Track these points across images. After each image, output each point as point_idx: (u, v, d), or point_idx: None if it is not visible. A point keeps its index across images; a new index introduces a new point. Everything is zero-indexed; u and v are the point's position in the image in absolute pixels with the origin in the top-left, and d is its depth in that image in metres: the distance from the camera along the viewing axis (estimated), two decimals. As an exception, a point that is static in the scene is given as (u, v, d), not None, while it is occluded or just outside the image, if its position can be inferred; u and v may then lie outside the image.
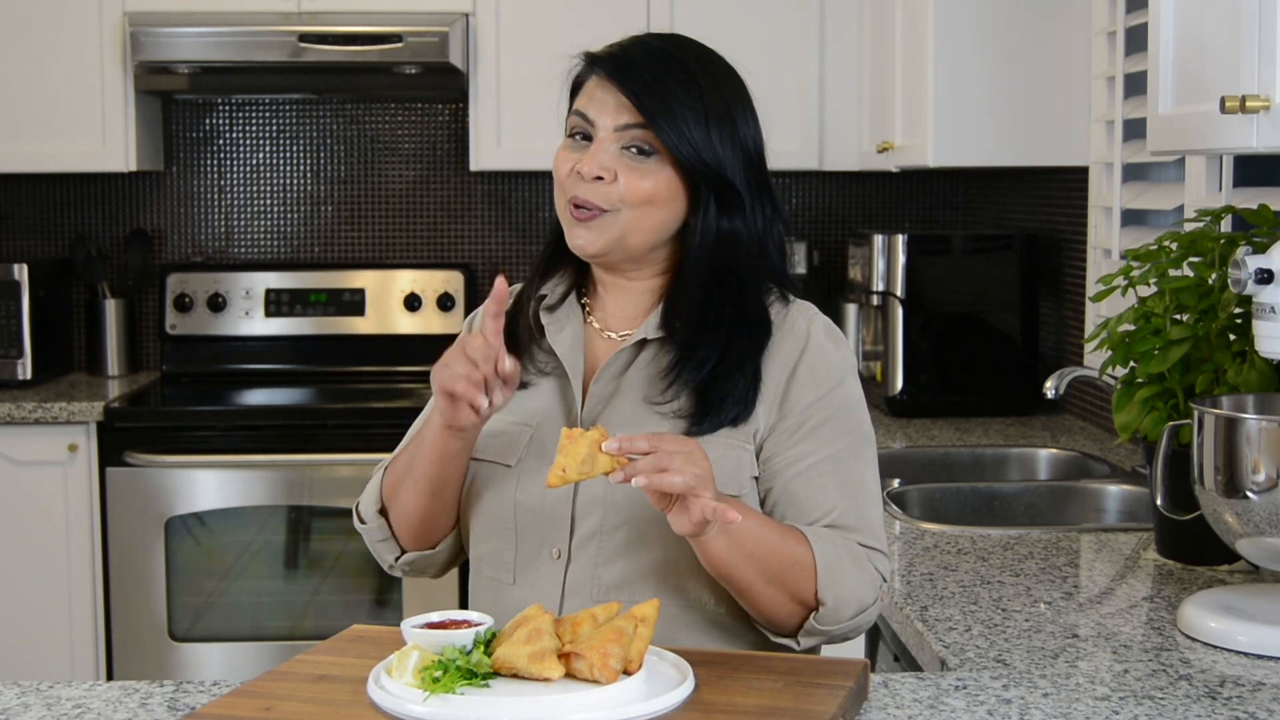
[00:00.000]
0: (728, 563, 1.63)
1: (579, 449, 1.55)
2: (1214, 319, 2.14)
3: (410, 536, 1.85)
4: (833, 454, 1.74)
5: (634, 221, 1.74)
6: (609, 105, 1.74)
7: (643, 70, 1.74)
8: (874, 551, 1.72)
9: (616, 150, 1.73)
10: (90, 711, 1.59)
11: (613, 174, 1.73)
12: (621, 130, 1.73)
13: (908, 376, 3.73)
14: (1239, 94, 1.72)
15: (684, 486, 1.52)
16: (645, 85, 1.73)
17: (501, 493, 1.79)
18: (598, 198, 1.73)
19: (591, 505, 1.74)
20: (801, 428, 1.74)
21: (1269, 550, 1.83)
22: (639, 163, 1.73)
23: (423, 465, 1.78)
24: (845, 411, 1.77)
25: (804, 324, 1.79)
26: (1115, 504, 2.86)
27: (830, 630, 1.68)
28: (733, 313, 1.75)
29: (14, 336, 4.17)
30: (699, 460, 1.55)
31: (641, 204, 1.73)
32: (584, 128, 1.76)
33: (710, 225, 1.76)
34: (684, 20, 4.07)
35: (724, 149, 1.75)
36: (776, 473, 1.74)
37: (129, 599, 3.92)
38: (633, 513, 1.72)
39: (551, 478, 1.55)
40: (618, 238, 1.74)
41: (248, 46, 4.10)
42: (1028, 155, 3.53)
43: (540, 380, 1.82)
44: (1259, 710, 1.62)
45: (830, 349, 1.78)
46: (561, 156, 1.77)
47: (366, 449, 3.89)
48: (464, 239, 4.65)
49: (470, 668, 1.47)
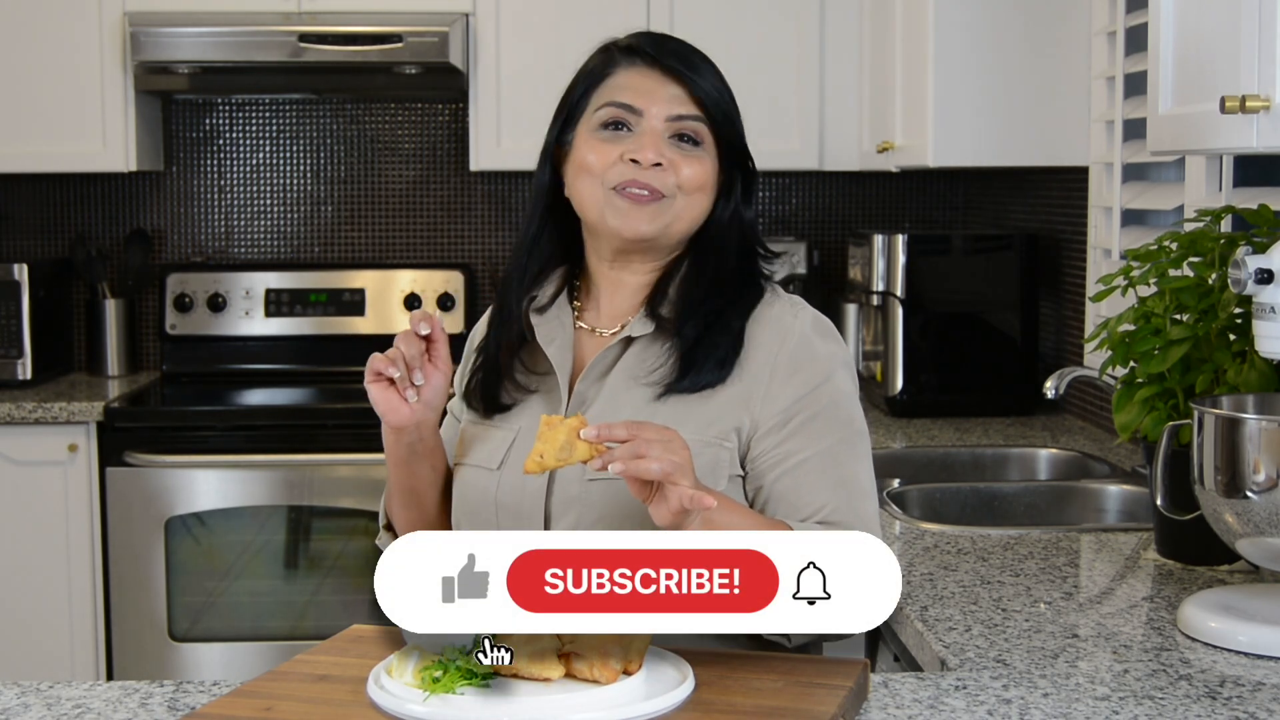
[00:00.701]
0: None
1: (557, 436, 1.55)
2: (1214, 319, 2.14)
3: None
4: (822, 450, 1.73)
5: (685, 209, 1.78)
6: (659, 95, 1.76)
7: (685, 61, 1.78)
8: None
9: (666, 139, 1.76)
10: (90, 711, 1.59)
11: (670, 161, 1.75)
12: (674, 120, 1.76)
13: (908, 376, 3.73)
14: (1239, 94, 1.72)
15: (660, 473, 1.52)
16: (695, 74, 1.77)
17: (485, 495, 1.80)
18: (658, 183, 1.75)
19: (567, 504, 1.75)
20: (788, 425, 1.73)
21: (1269, 550, 1.83)
22: (690, 151, 1.77)
23: (393, 476, 1.84)
24: (835, 406, 1.76)
25: (789, 319, 1.78)
26: (1115, 504, 2.86)
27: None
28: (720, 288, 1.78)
29: (14, 336, 4.17)
30: (678, 449, 1.55)
31: (696, 190, 1.77)
32: (624, 117, 1.77)
33: (727, 214, 1.81)
34: (684, 20, 4.07)
35: (743, 137, 1.82)
36: (765, 471, 1.73)
37: (129, 599, 3.92)
38: (606, 510, 1.72)
39: (529, 464, 1.55)
40: (668, 223, 1.77)
41: (248, 46, 4.10)
42: (1028, 155, 3.53)
43: (530, 382, 1.83)
44: (1259, 710, 1.62)
45: (817, 343, 1.78)
46: (597, 148, 1.77)
47: (366, 449, 3.90)
48: (464, 239, 4.66)
49: (470, 668, 1.47)
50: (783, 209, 4.63)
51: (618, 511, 1.71)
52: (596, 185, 1.77)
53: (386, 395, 1.73)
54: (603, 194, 1.77)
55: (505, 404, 1.83)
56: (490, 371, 1.85)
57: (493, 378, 1.84)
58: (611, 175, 1.76)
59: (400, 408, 1.73)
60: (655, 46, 1.80)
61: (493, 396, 1.84)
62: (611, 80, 1.79)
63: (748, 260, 1.82)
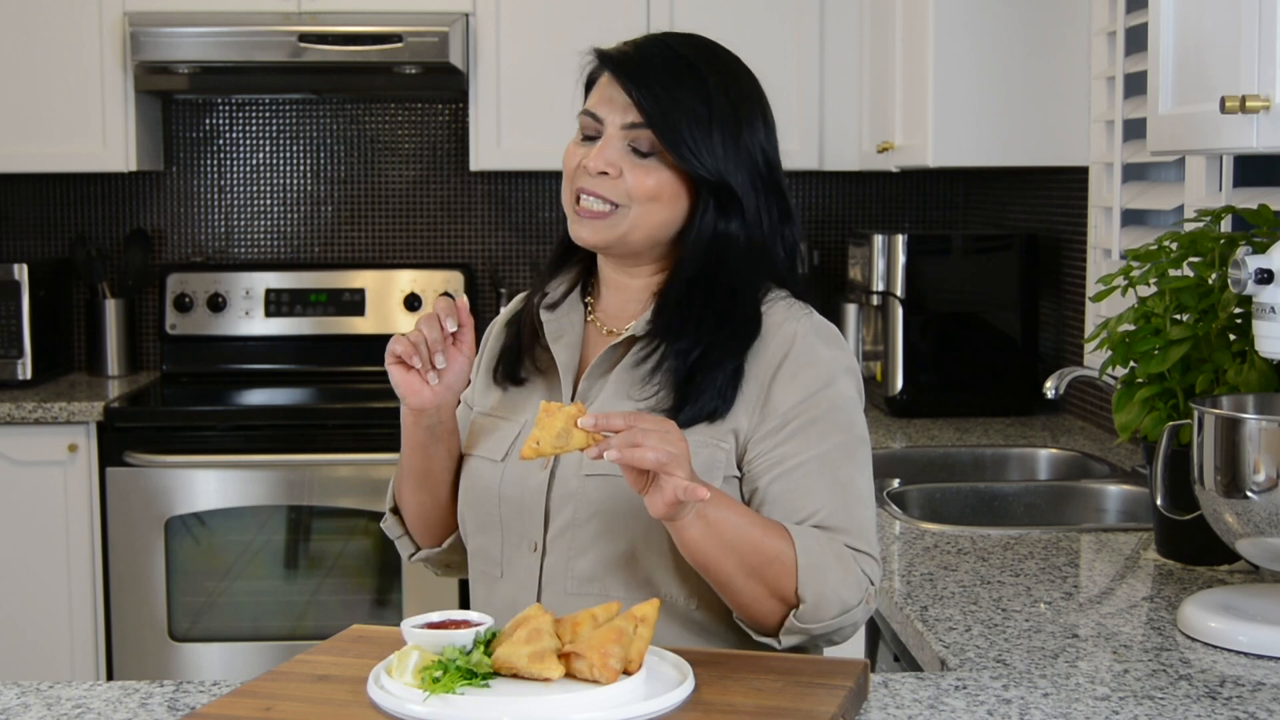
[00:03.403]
0: (705, 553, 1.62)
1: (555, 423, 1.55)
2: (1214, 319, 2.14)
3: (419, 533, 1.92)
4: (820, 454, 1.72)
5: (640, 217, 1.76)
6: (617, 104, 1.76)
7: (651, 71, 1.76)
8: (861, 554, 1.70)
9: (623, 147, 1.76)
10: (90, 711, 1.59)
11: (618, 170, 1.75)
12: (627, 129, 1.76)
13: (908, 376, 3.73)
14: (1239, 94, 1.72)
15: (655, 462, 1.52)
16: (650, 87, 1.75)
17: (489, 487, 1.81)
18: (605, 190, 1.75)
19: (565, 498, 1.75)
20: (785, 428, 1.73)
21: (1269, 550, 1.83)
22: (639, 161, 1.76)
23: (407, 459, 1.83)
24: (834, 411, 1.75)
25: (792, 325, 1.77)
26: (1115, 504, 2.86)
27: (811, 629, 1.66)
28: (719, 311, 1.76)
29: (14, 336, 4.17)
30: (675, 440, 1.55)
31: (647, 200, 1.75)
32: (592, 127, 1.79)
33: (707, 227, 1.77)
34: (684, 20, 4.07)
35: (726, 153, 1.75)
36: (761, 473, 1.73)
37: (129, 599, 3.92)
38: (603, 505, 1.72)
39: (525, 449, 1.55)
40: (622, 233, 1.76)
41: (248, 46, 4.10)
42: (1028, 155, 3.53)
43: (536, 377, 1.84)
44: (1259, 710, 1.62)
45: (820, 348, 1.77)
46: (571, 151, 1.81)
47: (366, 449, 3.90)
48: (464, 239, 4.66)
49: (470, 668, 1.47)
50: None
51: (613, 507, 1.71)
52: (568, 190, 1.80)
53: (408, 377, 1.73)
54: (570, 199, 1.80)
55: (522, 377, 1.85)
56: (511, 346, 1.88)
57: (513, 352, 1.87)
58: (575, 180, 1.79)
59: (422, 390, 1.74)
60: (619, 55, 1.79)
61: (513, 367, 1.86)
62: (594, 88, 1.82)
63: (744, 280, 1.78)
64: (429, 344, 1.72)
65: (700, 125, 1.74)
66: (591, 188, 1.76)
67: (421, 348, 1.72)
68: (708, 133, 1.74)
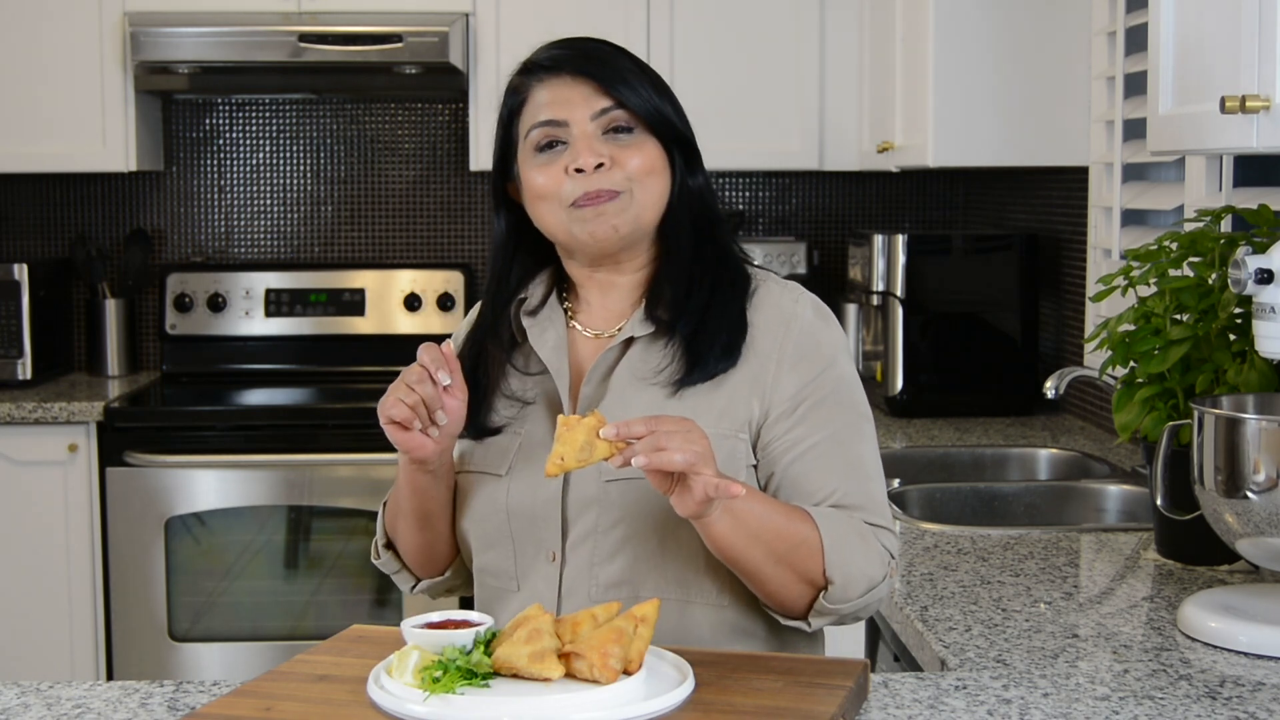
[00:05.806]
0: (734, 545, 1.62)
1: (576, 436, 1.54)
2: (1214, 319, 2.14)
3: (417, 566, 1.89)
4: (830, 435, 1.74)
5: (645, 195, 1.76)
6: (575, 100, 1.75)
7: (590, 55, 1.78)
8: (879, 529, 1.72)
9: (599, 137, 1.75)
10: (90, 711, 1.59)
11: (609, 159, 1.74)
12: (598, 116, 1.75)
13: (908, 376, 3.73)
14: (1239, 94, 1.72)
15: (684, 464, 1.52)
16: (599, 68, 1.76)
17: (494, 502, 1.79)
18: (608, 183, 1.73)
19: (585, 505, 1.74)
20: (796, 411, 1.74)
21: (1269, 550, 1.83)
22: (627, 140, 1.75)
23: (405, 501, 1.81)
24: (840, 391, 1.76)
25: (790, 305, 1.78)
26: (1115, 504, 2.86)
27: (841, 609, 1.67)
28: (715, 268, 1.78)
29: (14, 336, 4.17)
30: (697, 439, 1.54)
31: (646, 175, 1.75)
32: (554, 134, 1.75)
33: (685, 184, 1.80)
34: (684, 20, 4.07)
35: (673, 111, 1.80)
36: (775, 458, 1.73)
37: (129, 599, 3.92)
38: (628, 509, 1.72)
39: (550, 467, 1.54)
40: (635, 216, 1.75)
41: (248, 46, 4.10)
42: (1028, 155, 3.53)
43: (527, 387, 1.82)
44: (1259, 710, 1.62)
45: (820, 328, 1.78)
46: (543, 172, 1.75)
47: (366, 449, 3.90)
48: (464, 239, 4.66)
49: (470, 668, 1.47)
50: (783, 209, 4.63)
51: (637, 510, 1.71)
52: (555, 206, 1.75)
53: (407, 435, 1.70)
54: (564, 213, 1.75)
55: (495, 426, 1.80)
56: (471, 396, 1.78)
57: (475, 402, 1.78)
58: (566, 192, 1.74)
59: (425, 444, 1.70)
60: (551, 57, 1.79)
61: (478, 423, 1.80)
62: (529, 105, 1.78)
63: (711, 229, 1.81)
64: (427, 403, 1.68)
65: (648, 87, 1.78)
66: (593, 187, 1.73)
67: (420, 409, 1.68)
68: (655, 93, 1.78)
